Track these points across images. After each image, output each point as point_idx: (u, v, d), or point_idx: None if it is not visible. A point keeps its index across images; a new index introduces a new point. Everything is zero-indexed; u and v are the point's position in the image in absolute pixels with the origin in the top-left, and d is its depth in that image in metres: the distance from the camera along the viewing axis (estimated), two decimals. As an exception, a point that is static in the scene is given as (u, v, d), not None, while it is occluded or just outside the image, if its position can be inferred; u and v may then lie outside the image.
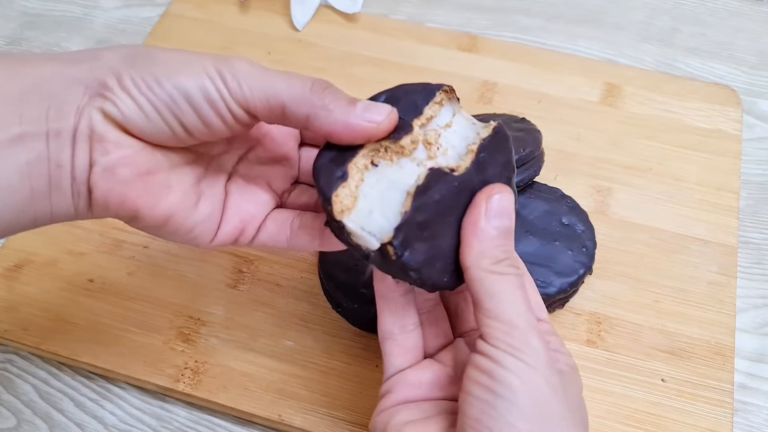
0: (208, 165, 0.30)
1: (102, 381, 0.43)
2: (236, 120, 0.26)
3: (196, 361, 0.41)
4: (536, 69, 0.55)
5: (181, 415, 0.41)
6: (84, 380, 0.43)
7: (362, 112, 0.26)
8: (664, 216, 0.47)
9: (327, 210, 0.26)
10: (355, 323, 0.42)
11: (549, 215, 0.43)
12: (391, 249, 0.25)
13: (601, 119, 0.52)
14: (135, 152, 0.26)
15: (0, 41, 0.60)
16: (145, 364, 0.41)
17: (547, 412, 0.24)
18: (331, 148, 0.27)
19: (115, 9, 0.62)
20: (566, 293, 0.41)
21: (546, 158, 0.44)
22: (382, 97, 0.28)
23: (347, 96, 0.27)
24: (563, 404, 0.25)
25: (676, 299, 0.43)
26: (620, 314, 0.43)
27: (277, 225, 0.31)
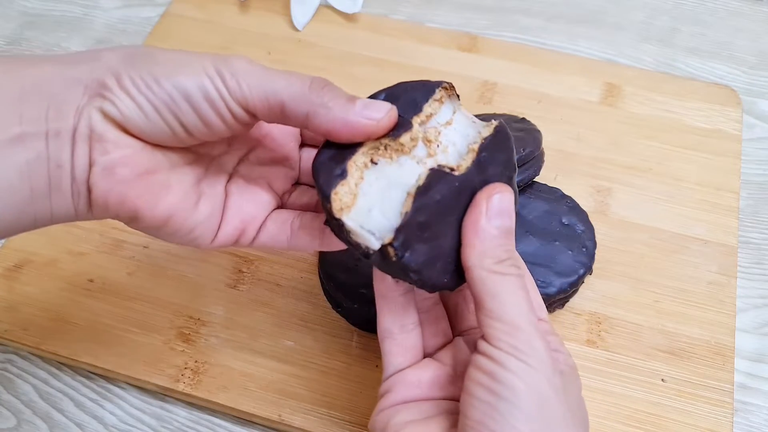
0: (209, 166, 0.30)
1: (102, 381, 0.43)
2: (236, 119, 0.26)
3: (196, 361, 0.41)
4: (536, 69, 0.55)
5: (181, 415, 0.41)
6: (84, 380, 0.43)
7: (361, 110, 0.26)
8: (664, 216, 0.47)
9: (326, 208, 0.26)
10: (355, 323, 0.42)
11: (549, 215, 0.43)
12: (392, 250, 0.25)
13: (601, 119, 0.52)
14: (134, 152, 0.26)
15: (0, 41, 0.60)
16: (145, 364, 0.41)
17: (550, 414, 0.24)
18: (331, 147, 0.27)
19: (115, 9, 0.62)
20: (566, 293, 0.41)
21: (546, 158, 0.44)
22: (382, 95, 0.28)
23: (346, 94, 0.26)
24: (565, 406, 0.25)
25: (676, 299, 0.43)
26: (620, 314, 0.43)
27: (278, 225, 0.31)
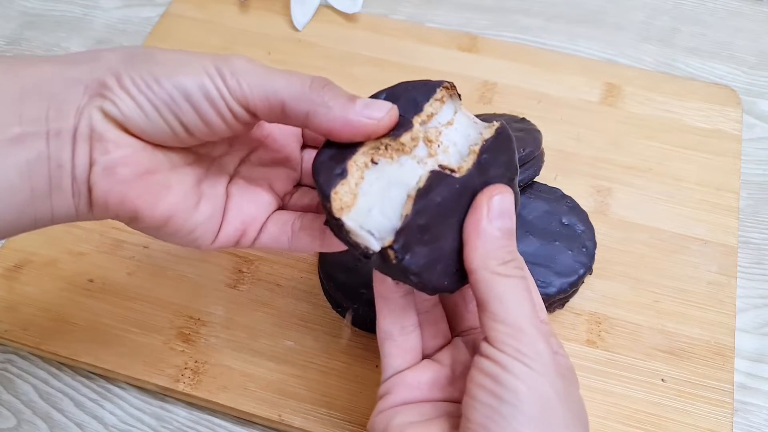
0: (210, 166, 0.30)
1: (102, 381, 0.43)
2: (236, 118, 0.26)
3: (196, 361, 0.41)
4: (536, 69, 0.55)
5: (181, 415, 0.41)
6: (84, 380, 0.43)
7: (362, 109, 0.26)
8: (664, 216, 0.47)
9: (326, 207, 0.26)
10: (355, 323, 0.42)
11: (549, 215, 0.43)
12: (392, 253, 0.25)
13: (601, 119, 0.52)
14: (135, 152, 0.26)
15: (0, 41, 0.60)
16: (145, 364, 0.41)
17: (553, 419, 0.24)
18: (331, 146, 0.27)
19: (115, 9, 0.62)
20: (566, 293, 0.41)
21: (546, 158, 0.44)
22: (383, 95, 0.28)
23: (347, 93, 0.26)
24: (566, 409, 0.25)
25: (676, 299, 0.43)
26: (620, 314, 0.43)
27: (279, 226, 0.31)
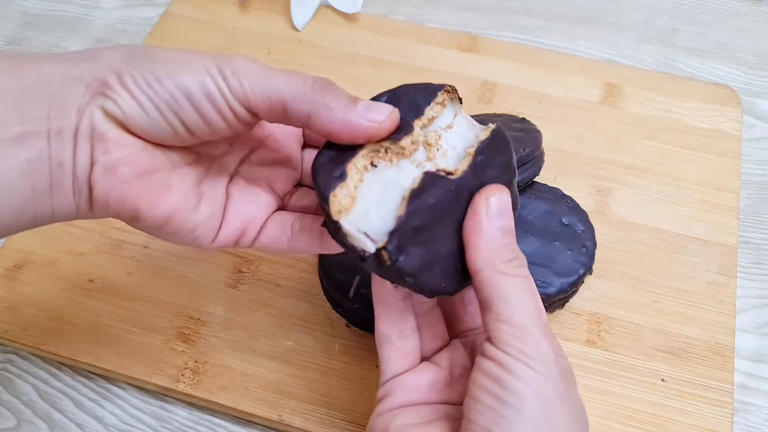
0: (210, 166, 0.30)
1: (102, 381, 0.43)
2: (237, 118, 0.26)
3: (196, 361, 0.41)
4: (536, 69, 0.55)
5: (181, 415, 0.41)
6: (84, 380, 0.43)
7: (363, 112, 0.26)
8: (664, 216, 0.47)
9: (324, 210, 0.26)
10: (355, 323, 0.42)
11: (549, 215, 0.43)
12: (386, 254, 0.25)
13: (601, 119, 0.52)
14: (136, 151, 0.26)
15: (0, 41, 0.60)
16: (145, 364, 0.41)
17: (555, 421, 0.24)
18: (331, 148, 0.27)
19: (115, 9, 0.62)
20: (566, 293, 0.41)
21: (546, 158, 0.44)
22: (384, 98, 0.28)
23: (349, 95, 0.26)
24: (568, 410, 0.25)
25: (676, 299, 0.43)
26: (620, 314, 0.43)
27: (278, 227, 0.31)
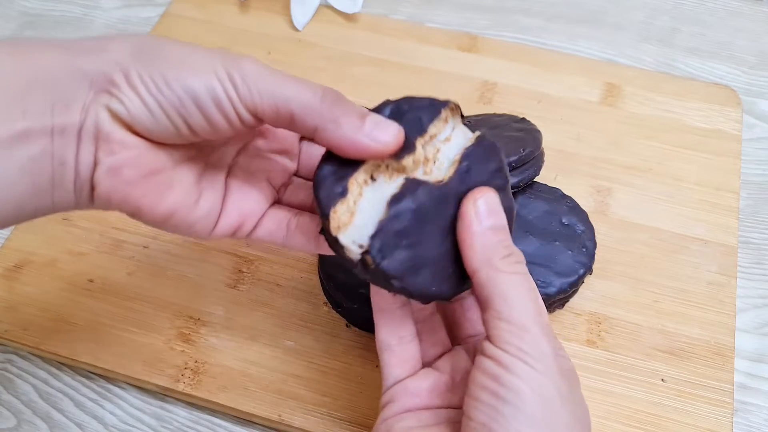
0: (209, 158, 0.30)
1: (102, 381, 0.43)
2: (242, 122, 0.26)
3: (196, 361, 0.41)
4: (536, 69, 0.55)
5: (181, 415, 0.41)
6: (84, 380, 0.43)
7: (371, 131, 0.26)
8: (664, 216, 0.47)
9: (324, 224, 0.27)
10: (355, 323, 0.42)
11: (549, 215, 0.43)
12: (369, 258, 0.25)
13: (601, 119, 0.52)
14: (140, 153, 0.26)
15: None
16: (145, 364, 0.41)
17: (554, 419, 0.24)
18: (333, 159, 0.27)
19: (115, 9, 0.62)
20: (566, 293, 0.41)
21: (546, 158, 0.44)
22: (387, 109, 0.28)
23: (357, 110, 0.26)
24: (569, 410, 0.25)
25: (676, 299, 0.43)
26: (620, 314, 0.43)
27: (275, 223, 0.31)
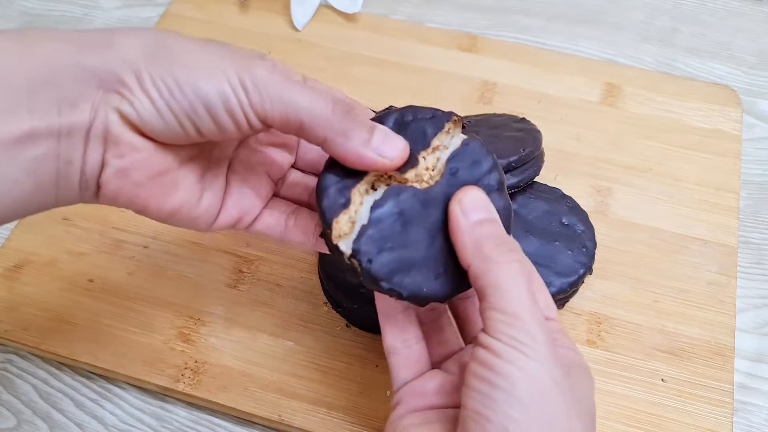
0: (211, 154, 0.30)
1: (102, 381, 0.43)
2: (251, 128, 0.26)
3: (196, 361, 0.41)
4: (536, 69, 0.55)
5: (181, 415, 0.41)
6: (84, 380, 0.43)
7: (378, 145, 0.26)
8: (664, 216, 0.47)
9: (325, 231, 0.27)
10: (355, 323, 0.42)
11: (549, 215, 0.43)
12: (355, 261, 0.26)
13: (601, 119, 0.52)
14: (148, 155, 0.26)
15: (0, 41, 0.60)
16: (145, 364, 0.41)
17: (548, 405, 0.24)
18: (337, 167, 0.28)
19: (115, 9, 0.62)
20: (566, 293, 0.41)
21: (546, 158, 0.44)
22: (391, 119, 0.28)
23: (366, 123, 0.27)
24: (567, 398, 0.24)
25: (676, 299, 0.43)
26: (620, 314, 0.43)
27: (273, 218, 0.32)
